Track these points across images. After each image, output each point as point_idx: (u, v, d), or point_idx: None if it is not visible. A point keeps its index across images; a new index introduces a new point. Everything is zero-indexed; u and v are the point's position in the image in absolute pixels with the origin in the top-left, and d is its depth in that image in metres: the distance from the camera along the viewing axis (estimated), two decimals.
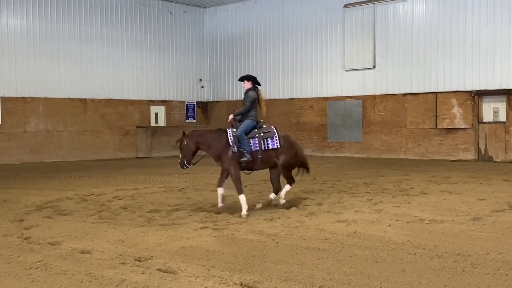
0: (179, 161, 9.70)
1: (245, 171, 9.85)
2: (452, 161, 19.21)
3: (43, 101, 21.10)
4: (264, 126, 9.96)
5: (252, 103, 9.87)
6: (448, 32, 19.79)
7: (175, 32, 25.52)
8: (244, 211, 9.15)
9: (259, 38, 24.94)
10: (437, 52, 20.05)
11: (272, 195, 10.08)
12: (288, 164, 9.97)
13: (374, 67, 21.56)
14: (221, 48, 26.32)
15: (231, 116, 9.99)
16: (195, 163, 9.85)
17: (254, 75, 10.55)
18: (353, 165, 18.51)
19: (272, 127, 10.05)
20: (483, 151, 19.15)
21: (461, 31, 19.50)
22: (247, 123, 9.77)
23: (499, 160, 18.73)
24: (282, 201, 9.91)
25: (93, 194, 11.88)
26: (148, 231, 8.03)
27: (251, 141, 9.69)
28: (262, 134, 9.80)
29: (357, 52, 21.95)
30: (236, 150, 9.51)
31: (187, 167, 9.65)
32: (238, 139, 9.55)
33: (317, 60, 23.16)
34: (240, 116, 9.89)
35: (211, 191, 11.78)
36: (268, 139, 9.77)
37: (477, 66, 19.21)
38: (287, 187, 10.10)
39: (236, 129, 9.70)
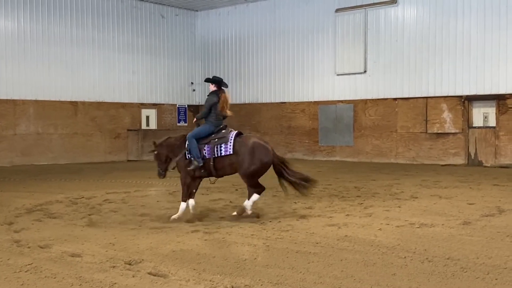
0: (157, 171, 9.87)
1: (209, 178, 9.55)
2: (442, 165, 19.29)
3: (34, 103, 21.01)
4: (223, 130, 9.36)
5: (210, 107, 9.40)
6: (439, 37, 19.90)
7: (167, 36, 25.49)
8: (174, 216, 9.13)
9: (250, 41, 24.97)
10: (427, 57, 20.15)
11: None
12: (248, 172, 9.13)
13: (365, 71, 21.64)
14: (212, 51, 26.33)
15: (194, 119, 9.85)
16: (173, 168, 9.74)
17: (221, 77, 9.96)
18: (344, 169, 18.55)
19: (233, 132, 9.34)
20: (473, 156, 19.25)
21: (452, 36, 19.61)
22: (201, 128, 9.41)
23: (489, 165, 18.83)
24: (249, 211, 9.22)
25: (83, 197, 11.83)
26: (139, 235, 8.01)
27: (206, 147, 9.27)
28: (216, 140, 9.27)
29: (348, 57, 22.02)
30: (188, 156, 9.31)
31: (163, 175, 9.81)
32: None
33: (309, 64, 23.21)
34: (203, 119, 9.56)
35: (202, 194, 11.76)
36: (222, 144, 9.21)
37: (467, 71, 19.32)
38: (254, 197, 9.24)
39: None
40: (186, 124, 25.85)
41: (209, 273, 5.96)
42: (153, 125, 24.91)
